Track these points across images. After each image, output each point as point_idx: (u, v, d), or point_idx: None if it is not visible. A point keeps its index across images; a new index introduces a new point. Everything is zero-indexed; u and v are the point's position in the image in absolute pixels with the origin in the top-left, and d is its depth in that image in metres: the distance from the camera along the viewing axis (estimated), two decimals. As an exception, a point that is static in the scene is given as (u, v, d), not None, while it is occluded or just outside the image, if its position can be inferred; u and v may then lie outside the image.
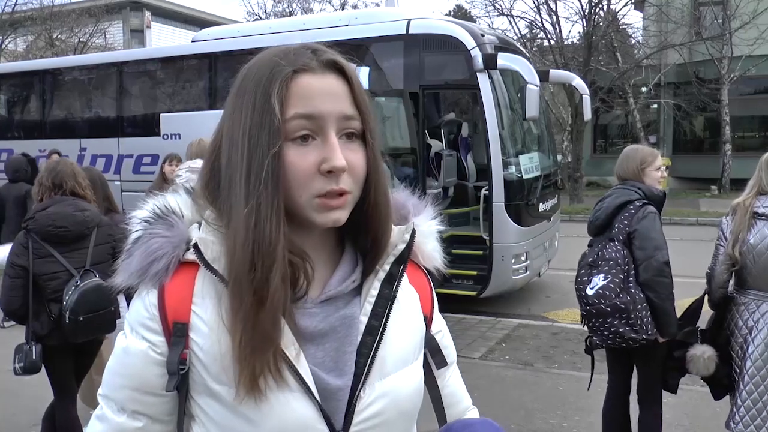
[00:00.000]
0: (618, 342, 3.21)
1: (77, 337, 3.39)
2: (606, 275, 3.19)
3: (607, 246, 3.27)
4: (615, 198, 3.39)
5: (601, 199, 3.54)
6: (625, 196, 3.35)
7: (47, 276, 3.37)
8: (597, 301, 3.18)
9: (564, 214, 11.00)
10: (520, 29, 21.57)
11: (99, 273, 3.43)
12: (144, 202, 1.04)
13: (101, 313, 3.39)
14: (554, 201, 8.27)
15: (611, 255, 3.23)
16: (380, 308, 1.02)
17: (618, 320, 3.15)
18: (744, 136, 20.41)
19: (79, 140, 9.79)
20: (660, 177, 3.47)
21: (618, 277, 3.18)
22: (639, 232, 3.23)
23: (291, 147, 0.93)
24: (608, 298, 3.15)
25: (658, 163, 3.45)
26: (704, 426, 4.28)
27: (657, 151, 3.56)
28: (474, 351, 5.91)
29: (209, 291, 0.97)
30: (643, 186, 3.39)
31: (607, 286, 3.17)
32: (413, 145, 7.34)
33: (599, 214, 3.43)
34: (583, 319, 3.36)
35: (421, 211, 1.14)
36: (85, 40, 24.22)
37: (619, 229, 3.30)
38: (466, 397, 1.24)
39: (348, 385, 0.98)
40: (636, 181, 3.42)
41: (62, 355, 3.50)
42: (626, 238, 3.26)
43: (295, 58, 0.95)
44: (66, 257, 3.41)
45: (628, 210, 3.31)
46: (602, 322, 3.19)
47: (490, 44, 7.13)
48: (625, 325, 3.14)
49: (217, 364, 0.95)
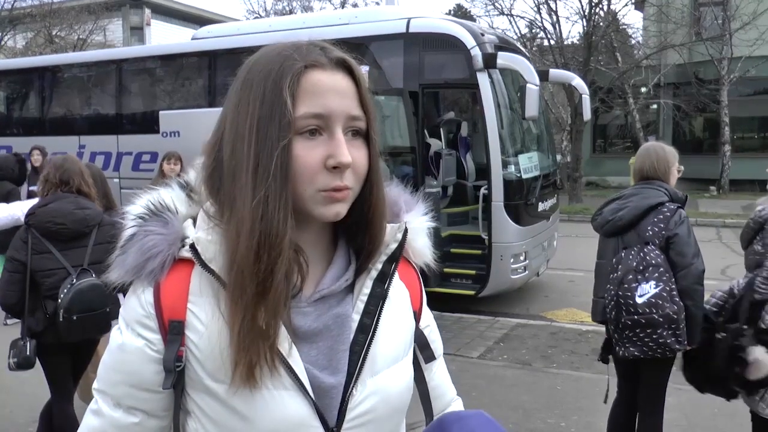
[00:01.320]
0: (658, 353, 3.05)
1: (71, 335, 3.36)
2: (657, 283, 3.01)
3: (646, 250, 3.09)
4: (642, 198, 3.20)
5: (616, 197, 3.38)
6: (656, 197, 3.18)
7: (44, 272, 3.36)
8: (648, 310, 3.00)
9: (563, 214, 11.01)
10: (520, 29, 21.68)
11: (97, 272, 3.40)
12: (138, 197, 1.04)
13: (95, 314, 3.35)
14: (553, 201, 8.27)
15: (657, 261, 3.04)
16: (372, 306, 1.03)
17: (667, 331, 2.99)
18: (743, 137, 20.44)
19: (78, 137, 9.78)
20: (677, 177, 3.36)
21: (669, 285, 3.01)
22: (680, 237, 3.07)
23: (299, 141, 0.93)
24: (660, 308, 2.98)
25: (677, 164, 3.34)
26: (702, 426, 4.28)
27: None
28: (472, 350, 5.90)
29: (206, 290, 0.97)
30: (669, 187, 3.24)
31: (660, 295, 2.99)
32: (413, 144, 7.34)
33: (623, 214, 3.23)
34: (622, 330, 3.11)
35: (413, 207, 1.14)
36: (85, 37, 24.20)
37: (654, 232, 3.11)
38: (451, 390, 1.26)
39: (341, 382, 0.99)
40: (663, 181, 3.26)
41: (58, 353, 3.48)
42: (663, 243, 3.09)
43: (307, 54, 0.95)
44: (64, 255, 3.40)
45: (661, 212, 3.13)
46: (649, 333, 3.01)
47: (490, 43, 7.13)
48: (671, 336, 3.00)
49: (213, 361, 0.95)
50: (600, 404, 3.64)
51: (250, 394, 0.94)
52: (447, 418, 1.02)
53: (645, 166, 3.33)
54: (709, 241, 11.29)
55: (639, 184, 3.34)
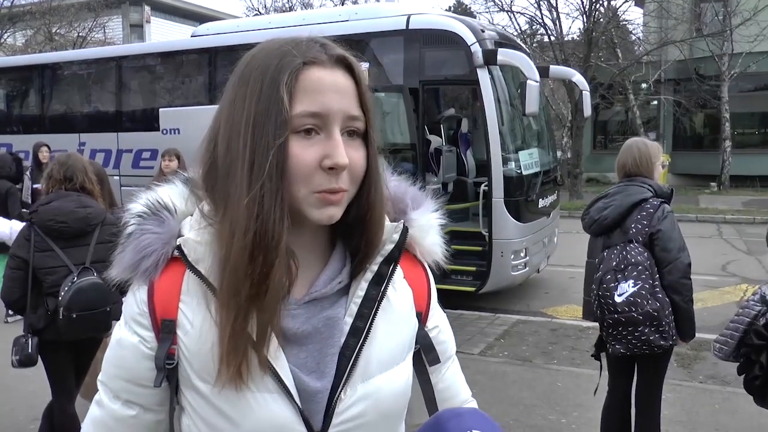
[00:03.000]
0: (644, 350, 3.06)
1: (70, 334, 3.35)
2: (636, 281, 3.01)
3: (628, 248, 3.08)
4: (626, 196, 3.19)
5: (601, 196, 3.36)
6: (639, 193, 3.16)
7: (46, 270, 3.37)
8: (627, 309, 3.00)
9: (563, 211, 10.99)
10: (520, 25, 21.53)
11: (99, 271, 3.38)
12: (139, 195, 1.04)
13: (95, 312, 3.33)
14: (554, 197, 8.26)
15: (637, 259, 3.03)
16: (366, 309, 1.00)
17: (649, 328, 2.99)
18: (744, 132, 20.38)
19: (78, 135, 9.78)
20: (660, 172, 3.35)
21: (648, 283, 3.01)
22: (663, 233, 3.06)
23: (295, 139, 0.91)
24: (640, 306, 2.98)
25: (661, 158, 3.32)
26: (703, 422, 4.28)
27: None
28: (473, 347, 5.91)
29: (194, 290, 0.97)
30: (653, 183, 3.22)
31: (638, 293, 2.99)
32: (413, 141, 7.33)
33: (608, 213, 3.22)
34: (606, 328, 3.12)
35: (421, 204, 1.11)
36: (85, 34, 24.13)
37: (638, 229, 3.10)
38: (464, 391, 1.22)
39: (327, 387, 0.98)
40: (646, 177, 3.25)
41: (59, 351, 3.47)
42: (647, 240, 3.08)
43: (306, 50, 0.93)
44: (66, 252, 3.40)
45: (644, 209, 3.12)
46: (631, 331, 3.01)
47: (490, 40, 7.12)
48: (655, 333, 2.99)
49: (200, 361, 0.95)
50: (600, 401, 3.65)
51: (235, 395, 0.93)
52: (443, 415, 1.00)
53: (627, 163, 3.31)
54: (710, 237, 11.28)
55: (623, 182, 3.32)
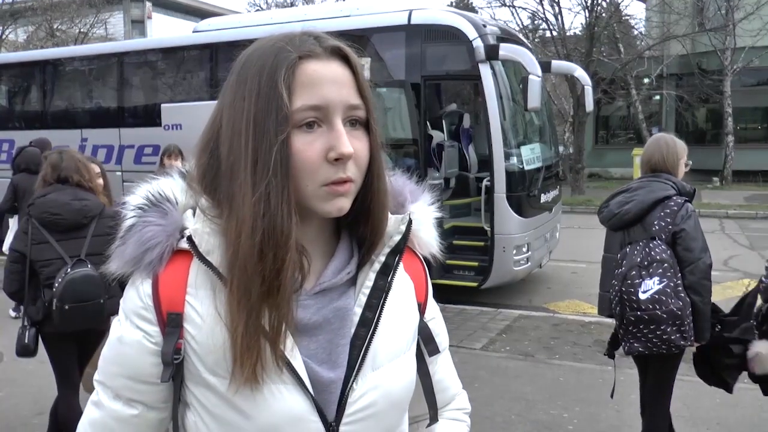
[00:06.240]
0: (662, 349, 3.01)
1: (65, 325, 3.36)
2: (661, 279, 2.96)
3: (651, 245, 3.03)
4: (649, 192, 3.14)
5: (623, 189, 3.32)
6: (662, 190, 3.11)
7: (42, 262, 3.40)
8: (651, 306, 2.95)
9: (565, 206, 10.99)
10: (523, 20, 21.53)
11: (96, 264, 3.39)
12: (138, 187, 1.03)
13: (88, 304, 3.32)
14: (556, 192, 8.26)
15: (662, 256, 2.99)
16: (375, 299, 1.01)
17: (671, 327, 2.95)
18: (746, 127, 20.32)
19: (81, 130, 9.79)
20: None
21: (672, 281, 2.96)
22: (686, 233, 3.02)
23: (297, 134, 0.91)
24: (665, 304, 2.94)
25: (685, 157, 3.28)
26: (705, 416, 4.28)
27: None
28: (475, 342, 5.91)
29: (203, 282, 0.96)
30: (677, 180, 3.18)
31: (663, 291, 2.95)
32: (415, 136, 7.33)
33: (630, 207, 3.16)
34: (626, 325, 3.07)
35: (419, 197, 1.12)
36: (86, 30, 24.11)
37: (661, 227, 3.05)
38: (455, 383, 1.24)
39: (341, 377, 0.98)
40: (671, 174, 3.21)
41: (61, 343, 3.49)
42: (669, 238, 3.04)
43: (300, 44, 0.93)
44: (62, 245, 3.42)
45: (667, 206, 3.07)
46: (653, 329, 2.97)
47: (492, 35, 7.11)
48: (676, 332, 2.95)
49: (212, 356, 0.94)
50: (602, 395, 3.65)
51: (250, 390, 0.93)
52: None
53: (654, 158, 3.26)
54: (712, 232, 11.26)
55: (646, 177, 3.27)
